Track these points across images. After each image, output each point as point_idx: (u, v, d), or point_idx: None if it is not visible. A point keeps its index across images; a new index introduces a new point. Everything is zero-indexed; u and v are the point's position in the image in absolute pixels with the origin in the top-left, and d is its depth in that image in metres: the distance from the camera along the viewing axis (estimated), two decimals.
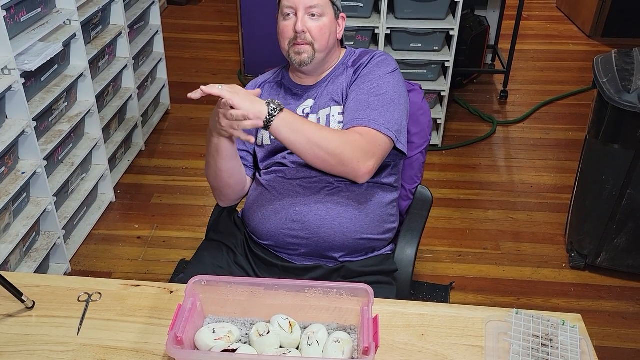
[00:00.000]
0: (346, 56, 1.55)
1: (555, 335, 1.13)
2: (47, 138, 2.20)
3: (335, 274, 1.43)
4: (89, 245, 2.49)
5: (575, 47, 4.27)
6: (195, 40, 4.34)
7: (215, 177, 1.46)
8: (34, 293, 1.24)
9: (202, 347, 1.08)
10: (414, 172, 1.66)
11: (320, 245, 1.42)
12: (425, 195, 1.66)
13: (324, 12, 1.43)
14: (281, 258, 1.46)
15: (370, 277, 1.42)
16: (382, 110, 1.39)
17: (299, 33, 1.41)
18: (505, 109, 3.51)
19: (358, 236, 1.43)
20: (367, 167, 1.33)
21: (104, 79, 2.62)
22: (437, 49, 2.90)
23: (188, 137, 3.22)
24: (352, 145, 1.32)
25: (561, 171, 2.95)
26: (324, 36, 1.44)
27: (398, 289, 1.47)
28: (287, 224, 1.42)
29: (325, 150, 1.29)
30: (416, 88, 1.67)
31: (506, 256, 2.44)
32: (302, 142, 1.28)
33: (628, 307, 2.20)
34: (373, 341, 0.99)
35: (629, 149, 2.03)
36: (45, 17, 2.20)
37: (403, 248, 1.53)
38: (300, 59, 1.44)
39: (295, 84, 1.54)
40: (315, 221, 1.40)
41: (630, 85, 1.98)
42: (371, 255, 1.48)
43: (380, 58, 1.49)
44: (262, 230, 1.46)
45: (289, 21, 1.44)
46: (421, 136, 1.65)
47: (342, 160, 1.31)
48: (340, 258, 1.44)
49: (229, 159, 1.41)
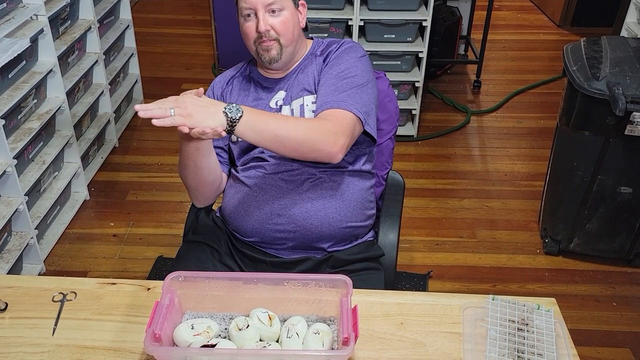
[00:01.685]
0: (314, 46, 1.55)
1: (530, 319, 1.15)
2: (17, 136, 2.16)
3: (324, 265, 1.44)
4: (63, 245, 2.44)
5: (545, 37, 4.33)
6: (168, 34, 4.28)
7: (194, 177, 1.43)
8: (7, 294, 1.21)
9: (181, 343, 1.07)
10: (384, 159, 1.69)
11: (307, 237, 1.42)
12: (397, 180, 1.69)
13: (283, 5, 1.42)
14: (268, 254, 1.46)
15: (358, 265, 1.43)
16: (350, 91, 1.39)
17: (262, 33, 1.41)
18: (478, 99, 3.55)
19: (343, 225, 1.44)
20: (338, 145, 1.30)
21: (74, 75, 2.57)
22: (410, 40, 2.92)
23: (162, 132, 3.18)
24: (318, 128, 1.30)
25: (534, 159, 3.00)
26: (288, 30, 1.43)
27: (384, 273, 1.49)
28: (272, 218, 1.42)
29: (294, 141, 1.28)
30: (382, 75, 1.68)
31: (482, 244, 2.48)
32: (270, 139, 1.25)
33: (600, 290, 2.25)
34: (352, 331, 1.00)
35: (598, 136, 2.07)
36: (11, 12, 2.15)
37: (385, 233, 1.56)
38: (270, 56, 1.44)
39: (264, 78, 1.53)
40: (301, 214, 1.40)
41: (599, 73, 2.02)
42: (355, 243, 1.49)
43: (349, 45, 1.50)
44: (247, 227, 1.45)
45: (250, 22, 1.42)
46: (389, 122, 1.67)
47: (313, 146, 1.29)
48: (329, 248, 1.45)
49: (208, 154, 1.39)
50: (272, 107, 1.48)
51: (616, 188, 2.14)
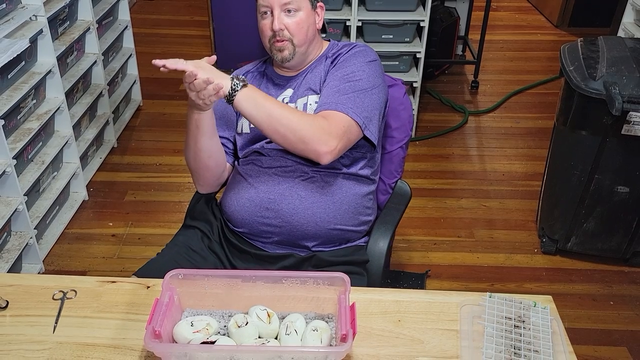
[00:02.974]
0: (329, 49, 1.57)
1: (527, 316, 1.16)
2: (16, 136, 2.16)
3: (307, 263, 1.44)
4: (62, 245, 2.45)
5: (542, 37, 4.35)
6: (166, 35, 4.28)
7: (195, 158, 1.46)
8: (7, 292, 1.22)
9: (181, 340, 1.08)
10: (393, 167, 1.68)
11: (292, 234, 1.43)
12: (404, 190, 1.67)
13: (300, 6, 1.44)
14: (254, 246, 1.47)
15: (340, 267, 1.41)
16: (352, 95, 1.40)
17: (276, 31, 1.43)
18: (476, 99, 3.56)
19: (331, 226, 1.44)
20: (328, 146, 1.32)
21: (73, 76, 2.58)
22: (408, 41, 2.93)
23: (160, 133, 3.19)
24: (312, 124, 1.33)
25: (531, 159, 3.01)
26: (301, 31, 1.45)
27: (369, 280, 1.48)
28: (260, 211, 1.43)
29: (285, 127, 1.31)
30: (398, 83, 1.69)
31: (480, 243, 2.49)
32: (263, 117, 1.31)
33: (597, 289, 2.26)
34: (350, 328, 1.01)
35: (596, 135, 2.08)
36: (10, 12, 2.15)
37: (376, 240, 1.54)
38: (282, 55, 1.47)
39: (277, 75, 1.57)
40: (288, 210, 1.41)
41: (595, 72, 2.03)
42: (344, 245, 1.49)
43: (360, 48, 1.51)
44: (237, 218, 1.47)
45: (266, 20, 1.45)
46: (402, 131, 1.66)
47: (302, 138, 1.32)
48: (313, 247, 1.45)
49: (208, 136, 1.41)
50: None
51: (613, 187, 2.15)
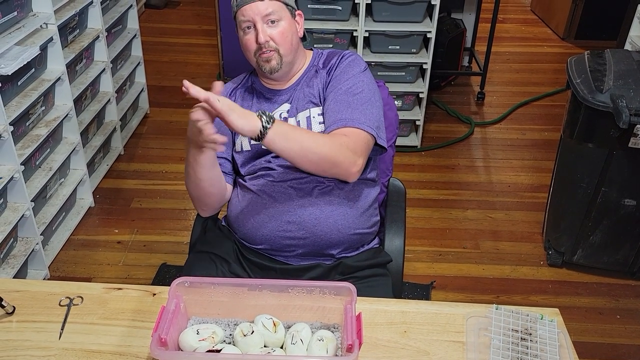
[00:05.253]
0: (314, 58, 1.56)
1: (534, 329, 1.16)
2: (25, 143, 2.18)
3: (334, 271, 1.45)
4: (68, 251, 2.46)
5: (549, 49, 4.35)
6: (174, 43, 4.31)
7: (196, 187, 1.44)
8: (14, 298, 1.22)
9: (186, 348, 1.08)
10: (385, 166, 1.71)
11: (317, 244, 1.43)
12: (398, 187, 1.71)
13: (281, 16, 1.44)
14: (277, 261, 1.46)
15: (367, 271, 1.45)
16: (361, 108, 1.41)
17: (262, 44, 1.43)
18: (482, 110, 3.56)
19: (352, 232, 1.45)
20: (357, 166, 1.36)
21: (82, 83, 2.60)
22: (414, 52, 2.94)
23: (167, 140, 3.21)
24: (341, 147, 1.34)
25: (537, 171, 3.01)
26: (286, 40, 1.45)
27: (392, 279, 1.50)
28: (283, 225, 1.43)
29: (318, 155, 1.31)
30: (381, 84, 1.70)
31: (485, 255, 2.48)
32: (296, 150, 1.29)
33: (604, 302, 2.25)
34: (357, 339, 1.01)
35: (602, 148, 2.08)
36: (22, 20, 2.18)
37: (392, 239, 1.57)
38: (270, 66, 1.46)
39: (267, 89, 1.55)
40: (311, 220, 1.42)
41: (602, 85, 2.03)
42: (362, 249, 1.50)
43: (350, 58, 1.51)
44: (257, 236, 1.46)
45: (249, 34, 1.45)
46: (389, 130, 1.69)
47: (335, 162, 1.33)
48: (337, 255, 1.46)
49: (209, 168, 1.39)
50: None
51: (620, 200, 2.14)
